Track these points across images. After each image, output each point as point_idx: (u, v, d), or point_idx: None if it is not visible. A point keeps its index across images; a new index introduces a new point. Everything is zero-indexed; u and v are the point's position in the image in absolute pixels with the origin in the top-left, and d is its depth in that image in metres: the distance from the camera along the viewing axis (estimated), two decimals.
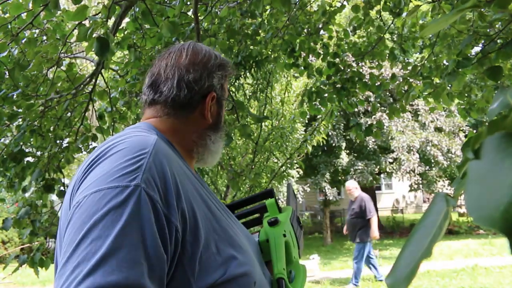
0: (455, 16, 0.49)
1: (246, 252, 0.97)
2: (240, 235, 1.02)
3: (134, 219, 0.76)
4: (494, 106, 0.36)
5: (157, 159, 0.85)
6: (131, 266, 0.73)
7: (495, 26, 3.19)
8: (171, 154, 0.93)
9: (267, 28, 3.90)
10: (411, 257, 0.33)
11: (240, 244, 0.96)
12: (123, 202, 0.77)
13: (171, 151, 0.95)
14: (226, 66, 1.17)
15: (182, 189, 0.86)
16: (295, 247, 1.19)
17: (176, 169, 0.88)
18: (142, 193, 0.78)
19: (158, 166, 0.84)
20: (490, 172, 0.30)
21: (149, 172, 0.81)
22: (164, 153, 0.89)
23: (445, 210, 0.34)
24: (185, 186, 0.88)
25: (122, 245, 0.74)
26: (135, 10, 2.88)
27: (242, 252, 0.95)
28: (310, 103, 3.98)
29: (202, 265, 0.84)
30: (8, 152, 2.97)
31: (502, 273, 8.42)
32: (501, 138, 0.31)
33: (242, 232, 1.06)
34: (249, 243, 1.05)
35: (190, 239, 0.83)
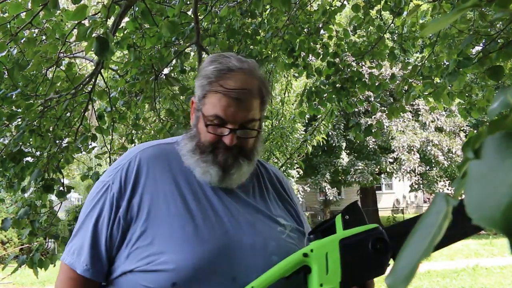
0: (456, 16, 0.49)
1: (188, 252, 0.98)
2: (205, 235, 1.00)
3: (96, 207, 1.06)
4: (495, 105, 0.36)
5: (133, 163, 1.08)
6: (79, 253, 1.04)
7: (496, 25, 3.19)
8: (164, 158, 1.11)
9: (267, 27, 3.90)
10: (411, 257, 0.33)
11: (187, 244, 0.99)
12: (97, 193, 1.08)
13: (172, 156, 1.12)
14: (208, 77, 1.09)
15: (144, 187, 1.05)
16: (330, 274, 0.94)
17: (156, 171, 1.08)
18: (109, 187, 1.06)
19: (128, 168, 1.08)
20: (491, 172, 0.29)
21: (120, 173, 1.07)
22: (150, 158, 1.10)
23: (445, 210, 0.34)
24: (150, 185, 1.06)
25: (80, 230, 1.07)
26: (135, 10, 2.88)
27: (181, 251, 0.98)
28: (309, 103, 3.98)
29: (133, 251, 1.02)
30: (7, 152, 2.97)
31: (503, 273, 8.43)
32: (501, 138, 0.31)
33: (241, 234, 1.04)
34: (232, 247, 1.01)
35: (133, 228, 1.02)
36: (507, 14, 2.16)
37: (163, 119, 3.69)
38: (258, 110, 1.13)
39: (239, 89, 1.08)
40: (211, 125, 1.09)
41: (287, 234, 1.11)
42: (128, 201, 1.04)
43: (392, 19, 4.09)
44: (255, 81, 1.12)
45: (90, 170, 3.31)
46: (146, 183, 1.06)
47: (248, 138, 1.12)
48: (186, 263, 0.97)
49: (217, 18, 3.54)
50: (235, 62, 1.11)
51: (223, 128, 1.09)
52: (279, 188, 1.25)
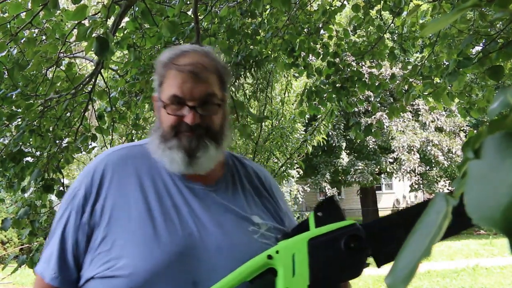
0: (456, 16, 0.49)
1: (146, 257, 0.94)
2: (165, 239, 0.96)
3: (64, 214, 1.05)
4: (495, 105, 0.36)
5: (99, 169, 1.07)
6: (48, 261, 1.03)
7: (496, 25, 3.18)
8: (132, 161, 1.09)
9: (267, 27, 3.90)
10: (411, 257, 0.33)
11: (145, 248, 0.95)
12: (66, 200, 1.08)
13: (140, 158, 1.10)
14: (162, 63, 1.09)
15: (108, 192, 1.04)
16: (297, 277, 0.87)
17: (121, 174, 1.06)
18: (76, 193, 1.06)
19: (94, 174, 1.07)
20: (491, 172, 0.29)
21: (86, 179, 1.07)
22: (116, 162, 1.08)
23: (445, 210, 0.34)
24: (114, 189, 1.04)
25: (51, 238, 1.05)
26: (135, 10, 2.88)
27: (138, 256, 0.94)
28: (309, 103, 3.98)
29: (95, 257, 1.00)
30: (7, 152, 2.97)
31: (503, 273, 8.43)
32: (501, 137, 0.31)
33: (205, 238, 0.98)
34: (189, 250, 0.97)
35: (96, 233, 1.01)
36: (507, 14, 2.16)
37: None
38: (217, 86, 1.09)
39: (193, 63, 1.05)
40: (170, 105, 1.05)
41: (261, 233, 1.05)
42: (92, 206, 1.03)
43: (392, 19, 4.09)
44: (211, 60, 1.09)
45: None
46: (110, 187, 1.04)
47: (212, 116, 1.07)
48: (143, 268, 0.94)
49: (217, 18, 3.54)
50: (188, 46, 1.12)
51: (183, 107, 1.05)
52: (257, 185, 1.19)
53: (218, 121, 1.09)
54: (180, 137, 1.06)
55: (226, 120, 1.14)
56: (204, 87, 1.05)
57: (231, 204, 1.08)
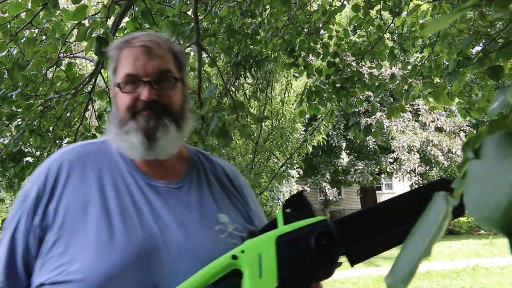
0: (456, 16, 0.49)
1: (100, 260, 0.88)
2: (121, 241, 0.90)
3: (14, 219, 0.97)
4: (495, 105, 0.36)
5: (53, 167, 1.00)
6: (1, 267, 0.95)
7: (496, 25, 3.19)
8: (90, 159, 1.02)
9: (267, 27, 3.90)
10: (411, 257, 0.33)
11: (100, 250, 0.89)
12: (17, 203, 1.00)
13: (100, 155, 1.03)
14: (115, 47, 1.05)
15: (63, 192, 0.97)
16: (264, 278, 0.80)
17: (78, 173, 0.99)
18: (28, 195, 0.98)
19: (48, 173, 0.99)
20: (491, 172, 0.29)
21: (39, 179, 0.99)
22: (73, 160, 1.01)
23: (445, 209, 0.34)
24: (70, 189, 0.97)
25: (1, 242, 0.98)
26: (135, 10, 2.88)
27: (93, 259, 0.88)
28: (309, 103, 3.98)
29: (46, 262, 0.92)
30: (7, 152, 2.97)
31: (503, 273, 8.43)
32: (501, 137, 0.31)
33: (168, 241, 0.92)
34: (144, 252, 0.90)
35: (47, 236, 0.93)
36: (507, 14, 2.16)
37: None
38: (173, 64, 1.04)
39: (146, 40, 1.02)
40: (124, 85, 1.00)
41: (229, 233, 0.99)
42: (44, 207, 0.95)
43: (392, 19, 4.09)
44: (165, 41, 1.06)
45: None
46: (65, 187, 0.97)
47: (169, 93, 1.01)
48: (97, 272, 0.87)
49: (217, 18, 3.54)
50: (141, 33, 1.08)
51: (138, 85, 0.99)
52: (225, 182, 1.12)
53: (177, 100, 1.04)
54: (137, 119, 0.99)
55: (186, 102, 1.08)
56: (158, 62, 1.00)
57: (196, 202, 1.02)
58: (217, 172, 1.13)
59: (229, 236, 0.98)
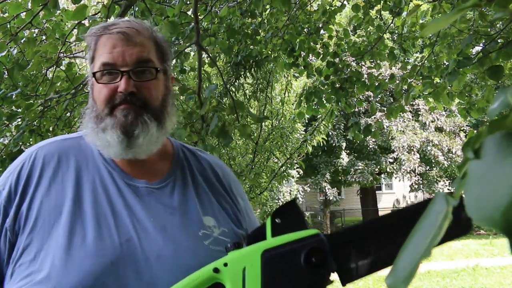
0: (456, 16, 0.49)
1: (72, 268, 0.81)
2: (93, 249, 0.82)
3: None
4: (495, 105, 0.36)
5: (26, 164, 0.91)
6: None
7: (495, 25, 3.19)
8: (67, 155, 0.93)
9: (267, 27, 3.90)
10: (411, 257, 0.33)
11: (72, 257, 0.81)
12: None
13: (77, 152, 0.95)
14: (92, 35, 0.96)
15: (36, 191, 0.88)
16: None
17: (52, 171, 0.90)
18: (1, 191, 0.88)
19: (21, 171, 0.90)
20: (491, 172, 0.29)
21: (11, 176, 0.90)
22: (48, 156, 0.92)
23: (445, 210, 0.34)
24: (43, 188, 0.88)
25: None
26: (135, 10, 2.88)
27: (63, 267, 0.80)
28: (308, 104, 3.99)
29: (16, 269, 0.84)
30: (7, 152, 2.97)
31: (503, 273, 8.43)
32: (501, 137, 0.31)
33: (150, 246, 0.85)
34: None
35: (19, 240, 0.85)
36: (507, 14, 2.16)
37: None
38: (154, 54, 0.95)
39: (124, 27, 0.93)
40: (101, 76, 0.92)
41: (214, 238, 0.91)
42: (16, 208, 0.86)
43: (392, 19, 4.09)
44: (146, 28, 0.97)
45: None
46: (38, 186, 0.88)
47: (149, 86, 0.93)
48: (66, 282, 0.79)
49: (217, 18, 3.54)
50: (121, 20, 1.00)
51: (116, 75, 0.91)
52: (213, 181, 1.03)
53: (158, 93, 0.95)
54: (115, 114, 0.91)
55: (168, 96, 0.99)
56: (137, 51, 0.92)
57: (179, 204, 0.94)
58: (204, 169, 1.04)
59: (214, 242, 0.90)
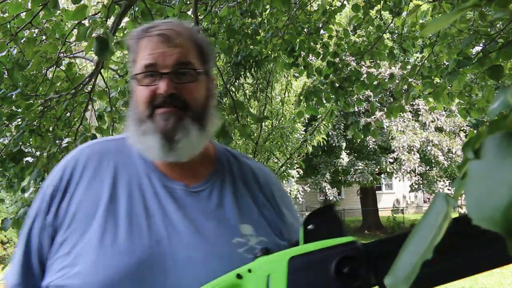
0: (456, 16, 0.49)
1: (100, 266, 0.82)
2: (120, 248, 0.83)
3: (31, 216, 0.94)
4: (495, 106, 0.36)
5: (71, 163, 0.95)
6: (14, 267, 0.93)
7: (495, 25, 3.19)
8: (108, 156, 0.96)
9: (267, 27, 3.90)
10: (411, 258, 0.33)
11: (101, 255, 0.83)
12: (36, 200, 0.96)
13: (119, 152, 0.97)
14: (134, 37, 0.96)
15: (76, 190, 0.92)
16: None
17: (93, 170, 0.94)
18: (45, 192, 0.94)
19: (65, 170, 0.94)
20: (491, 172, 0.29)
21: (57, 175, 0.94)
22: (90, 156, 0.96)
23: (445, 210, 0.34)
24: (83, 187, 0.92)
25: (18, 242, 0.94)
26: (135, 10, 2.88)
27: (93, 264, 0.83)
28: (307, 103, 3.99)
29: (54, 262, 0.88)
30: (7, 152, 2.97)
31: (503, 273, 8.43)
32: (501, 138, 0.30)
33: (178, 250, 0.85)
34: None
35: (58, 236, 0.89)
36: (507, 14, 2.16)
37: None
38: (195, 56, 0.94)
39: (165, 29, 0.93)
40: (143, 78, 0.92)
41: (249, 247, 0.88)
42: (57, 205, 0.91)
43: (392, 19, 4.09)
44: (187, 29, 0.96)
45: None
46: (78, 185, 0.92)
47: (190, 88, 0.92)
48: (95, 279, 0.81)
49: (217, 18, 3.54)
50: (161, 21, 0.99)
51: (156, 76, 0.91)
52: (255, 189, 1.00)
53: (199, 95, 0.94)
54: (155, 117, 0.91)
55: (210, 98, 0.98)
56: (177, 52, 0.91)
57: (216, 209, 0.92)
58: (245, 175, 1.02)
59: (248, 251, 0.87)
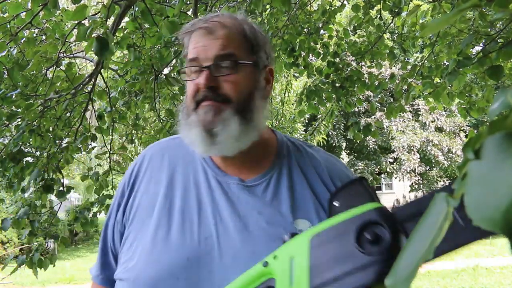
0: (456, 16, 0.49)
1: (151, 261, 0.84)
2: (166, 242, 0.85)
3: (108, 211, 1.01)
4: (495, 106, 0.36)
5: (138, 162, 1.00)
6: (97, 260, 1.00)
7: (495, 25, 3.19)
8: (169, 154, 0.99)
9: (267, 27, 3.90)
10: (412, 258, 0.33)
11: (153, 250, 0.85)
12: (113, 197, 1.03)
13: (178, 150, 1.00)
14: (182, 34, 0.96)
15: (139, 187, 0.96)
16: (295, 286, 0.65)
17: (154, 168, 0.98)
18: (118, 189, 1.00)
19: (134, 168, 1.00)
20: (491, 173, 0.29)
21: (127, 173, 1.00)
22: (153, 155, 1.00)
23: (445, 211, 0.34)
24: (145, 184, 0.96)
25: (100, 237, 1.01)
26: (135, 10, 2.88)
27: (146, 259, 0.85)
28: (308, 102, 3.98)
29: (120, 256, 0.93)
30: (7, 152, 2.97)
31: (503, 273, 8.43)
32: (502, 138, 0.30)
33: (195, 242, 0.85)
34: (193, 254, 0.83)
35: (126, 231, 0.94)
36: (507, 14, 2.16)
37: (163, 119, 3.69)
38: (240, 46, 0.92)
39: (208, 21, 0.92)
40: (189, 73, 0.93)
41: None
42: (125, 202, 0.96)
43: (392, 19, 4.09)
44: (234, 19, 0.94)
45: (90, 170, 3.31)
46: (142, 182, 0.96)
47: (230, 78, 0.90)
48: (147, 273, 0.83)
49: None
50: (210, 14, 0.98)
51: (199, 70, 0.90)
52: (317, 181, 0.94)
53: (242, 88, 0.90)
54: (198, 112, 0.90)
55: (256, 88, 0.93)
56: (218, 44, 0.89)
57: (270, 204, 0.88)
58: (308, 167, 0.96)
59: None
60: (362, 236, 0.62)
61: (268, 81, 0.98)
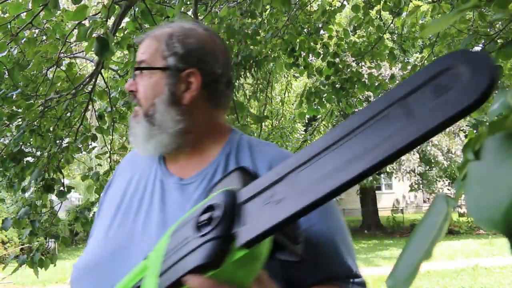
0: (456, 16, 0.49)
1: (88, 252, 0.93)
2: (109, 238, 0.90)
3: None
4: (495, 107, 0.36)
5: (120, 163, 1.10)
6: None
7: (495, 26, 3.19)
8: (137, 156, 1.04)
9: (267, 27, 3.90)
10: (412, 258, 0.33)
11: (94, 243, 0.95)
12: None
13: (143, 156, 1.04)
14: None
15: (111, 188, 1.04)
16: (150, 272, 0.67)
17: (124, 168, 1.06)
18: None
19: (117, 168, 1.10)
20: (491, 173, 0.29)
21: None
22: (129, 155, 1.09)
23: (445, 211, 0.34)
24: (113, 185, 1.04)
25: None
26: (135, 10, 2.88)
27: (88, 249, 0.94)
28: (308, 104, 3.98)
29: None
30: (8, 152, 2.97)
31: (503, 273, 8.43)
32: (502, 139, 0.31)
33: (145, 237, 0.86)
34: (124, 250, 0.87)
35: None
36: (506, 14, 2.16)
37: None
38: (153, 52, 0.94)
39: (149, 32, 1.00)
40: None
41: None
42: (100, 204, 1.07)
43: (392, 19, 4.10)
44: (167, 28, 0.97)
45: (90, 170, 3.31)
46: (112, 185, 1.05)
47: (139, 82, 0.95)
48: (81, 263, 0.92)
49: (217, 18, 3.54)
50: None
51: None
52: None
53: (147, 93, 0.94)
54: None
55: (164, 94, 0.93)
56: (139, 52, 0.97)
57: (195, 202, 0.87)
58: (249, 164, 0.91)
59: None
60: (200, 220, 0.63)
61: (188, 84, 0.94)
